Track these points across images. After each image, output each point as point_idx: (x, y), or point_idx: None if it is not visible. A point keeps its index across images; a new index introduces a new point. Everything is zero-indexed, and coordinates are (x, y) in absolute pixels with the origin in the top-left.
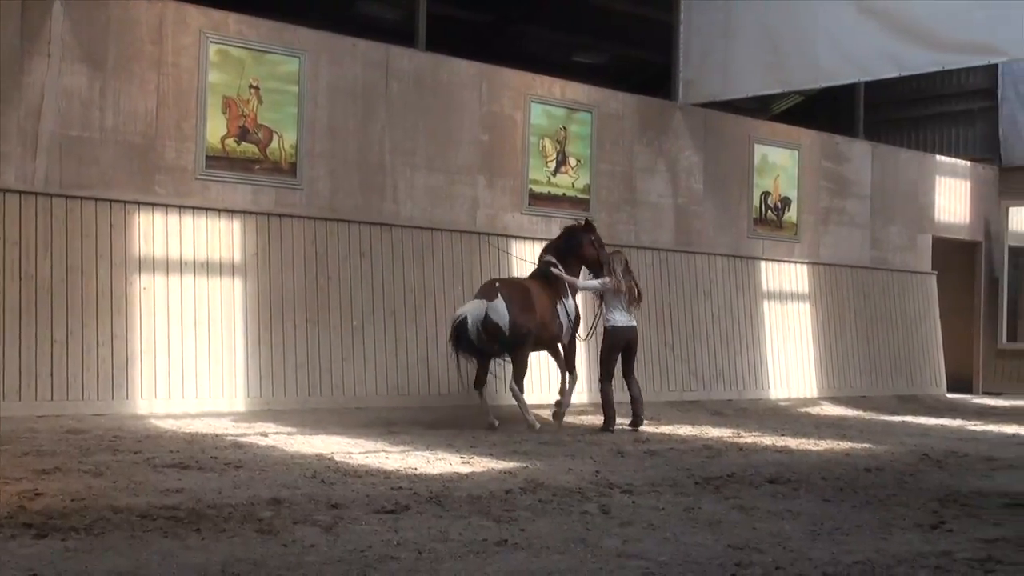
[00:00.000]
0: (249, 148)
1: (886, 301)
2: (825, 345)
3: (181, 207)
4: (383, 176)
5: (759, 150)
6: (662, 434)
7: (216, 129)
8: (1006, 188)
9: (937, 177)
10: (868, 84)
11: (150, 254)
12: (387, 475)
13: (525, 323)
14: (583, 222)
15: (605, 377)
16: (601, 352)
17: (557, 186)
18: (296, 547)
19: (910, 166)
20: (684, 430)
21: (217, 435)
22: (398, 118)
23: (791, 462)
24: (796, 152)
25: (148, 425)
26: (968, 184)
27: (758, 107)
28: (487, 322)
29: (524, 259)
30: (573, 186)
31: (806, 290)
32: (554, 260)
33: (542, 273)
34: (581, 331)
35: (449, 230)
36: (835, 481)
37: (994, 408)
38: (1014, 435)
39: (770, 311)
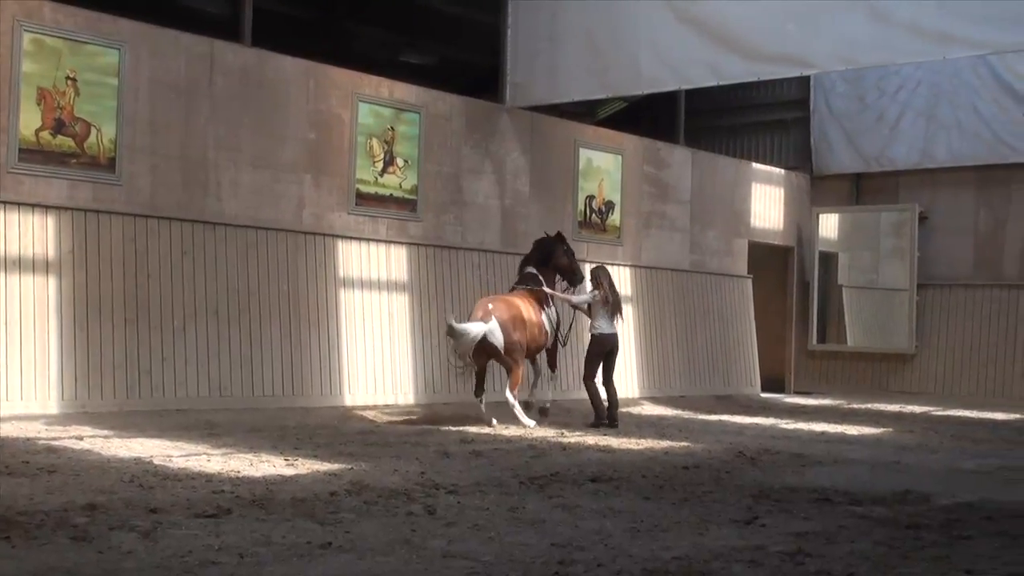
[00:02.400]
0: (65, 141)
1: (704, 303)
2: (646, 346)
3: None
4: (206, 173)
5: (584, 154)
6: (487, 435)
7: (30, 121)
8: (817, 196)
9: (753, 184)
10: (688, 92)
11: None
12: (208, 478)
13: (519, 340)
14: (555, 234)
15: (589, 377)
16: (587, 356)
17: (384, 186)
18: (113, 554)
19: (727, 173)
20: (509, 431)
21: (29, 439)
22: (222, 114)
23: (613, 461)
24: (620, 157)
25: None
26: (782, 191)
27: (584, 111)
28: (484, 343)
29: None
30: (400, 187)
31: (628, 292)
32: (536, 272)
33: (524, 284)
34: (561, 337)
35: (274, 229)
36: (655, 479)
37: (804, 407)
38: (823, 433)
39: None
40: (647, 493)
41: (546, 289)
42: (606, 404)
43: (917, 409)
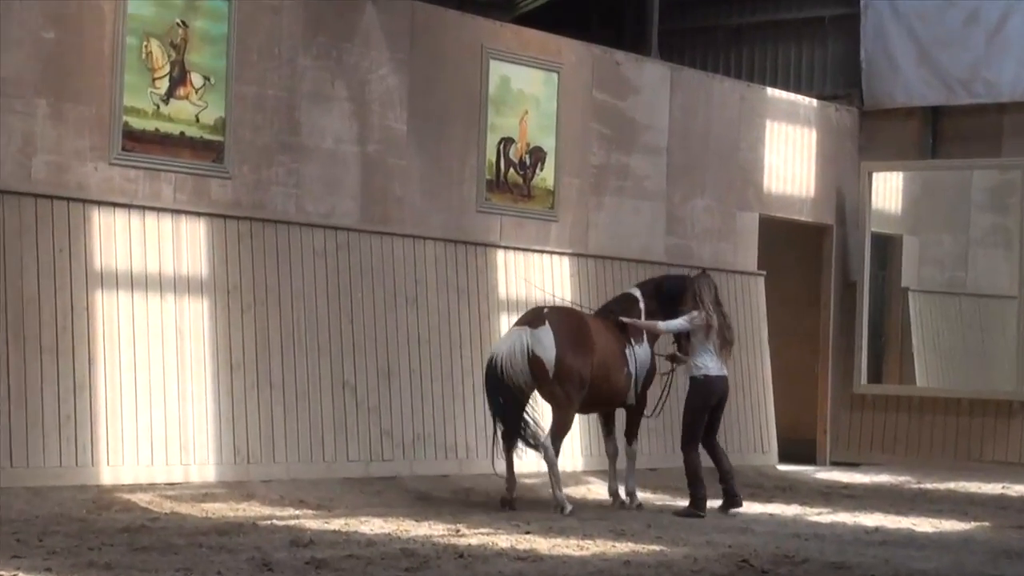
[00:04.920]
0: None
1: None
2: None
3: None
4: None
5: (497, 70)
6: (335, 532)
7: None
8: (871, 142)
9: (768, 122)
10: None
11: None
12: None
13: (577, 365)
14: (699, 272)
15: (690, 441)
16: (687, 410)
17: (171, 119)
18: None
19: (728, 103)
20: (372, 525)
21: None
22: None
23: (540, 575)
24: (555, 75)
25: None
26: (814, 135)
27: (498, 2)
28: (530, 356)
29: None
30: (198, 120)
31: (568, 298)
32: (638, 297)
33: (607, 309)
34: (649, 400)
35: None
36: None
37: (848, 486)
38: (876, 529)
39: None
40: None
41: (625, 319)
42: (724, 476)
43: None
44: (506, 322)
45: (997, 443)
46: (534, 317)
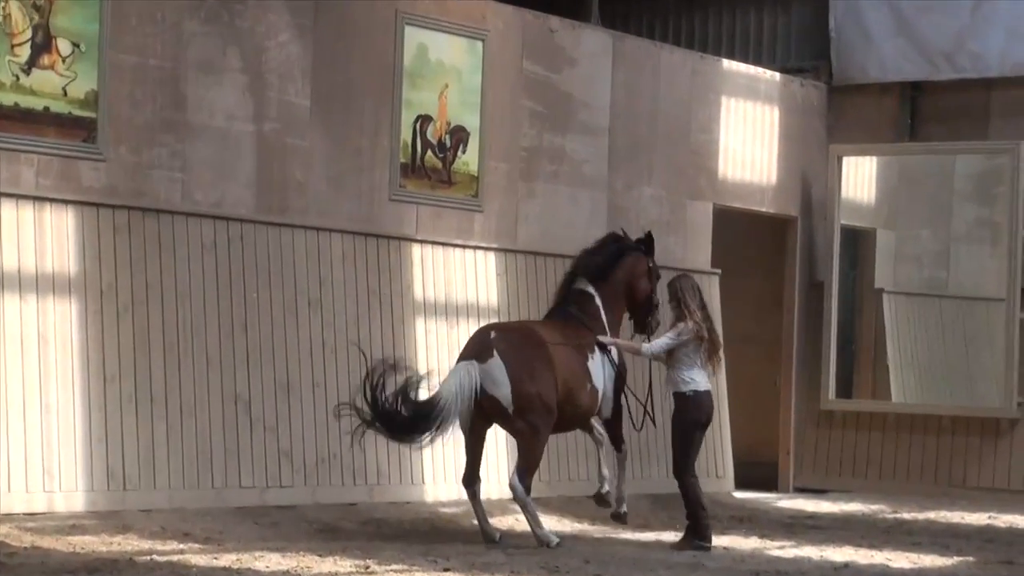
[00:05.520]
0: None
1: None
2: None
3: None
4: None
5: (414, 38)
6: (226, 569)
7: None
8: (839, 123)
9: (724, 99)
10: None
11: None
12: None
13: (538, 393)
14: (643, 238)
15: (685, 466)
16: (677, 431)
17: (33, 92)
18: None
19: (679, 76)
20: (268, 561)
21: None
22: None
23: None
24: (480, 44)
25: None
26: (776, 113)
27: None
28: (483, 395)
29: None
30: (65, 93)
31: (493, 299)
32: (592, 292)
33: (563, 310)
34: (632, 415)
35: None
36: None
37: (814, 516)
38: (845, 565)
39: (428, 337)
40: None
41: (603, 338)
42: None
43: (1020, 521)
44: (422, 327)
45: (983, 467)
46: (481, 348)
